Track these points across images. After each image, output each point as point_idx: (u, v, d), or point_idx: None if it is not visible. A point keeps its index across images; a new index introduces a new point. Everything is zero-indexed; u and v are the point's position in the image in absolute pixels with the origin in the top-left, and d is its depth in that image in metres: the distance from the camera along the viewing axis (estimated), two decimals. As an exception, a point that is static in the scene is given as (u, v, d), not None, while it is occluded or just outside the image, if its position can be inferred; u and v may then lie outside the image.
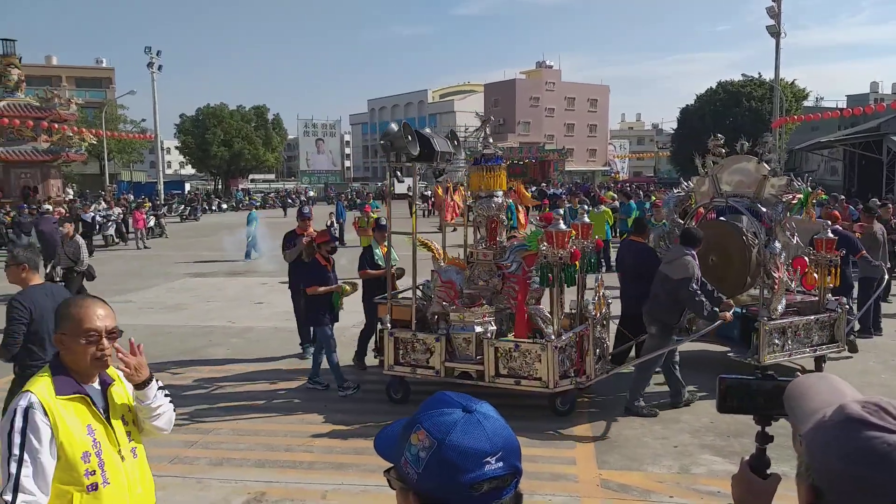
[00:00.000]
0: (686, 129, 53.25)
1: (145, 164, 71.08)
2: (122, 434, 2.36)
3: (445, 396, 1.16)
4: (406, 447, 1.11)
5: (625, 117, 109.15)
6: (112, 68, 65.10)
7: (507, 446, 1.09)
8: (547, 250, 6.16)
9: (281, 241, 9.23)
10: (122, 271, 17.29)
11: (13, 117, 28.33)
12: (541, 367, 6.10)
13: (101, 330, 2.27)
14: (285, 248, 8.69)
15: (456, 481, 1.05)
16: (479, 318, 6.39)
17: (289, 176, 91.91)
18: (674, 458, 5.53)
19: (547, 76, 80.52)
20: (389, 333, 6.65)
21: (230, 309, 11.87)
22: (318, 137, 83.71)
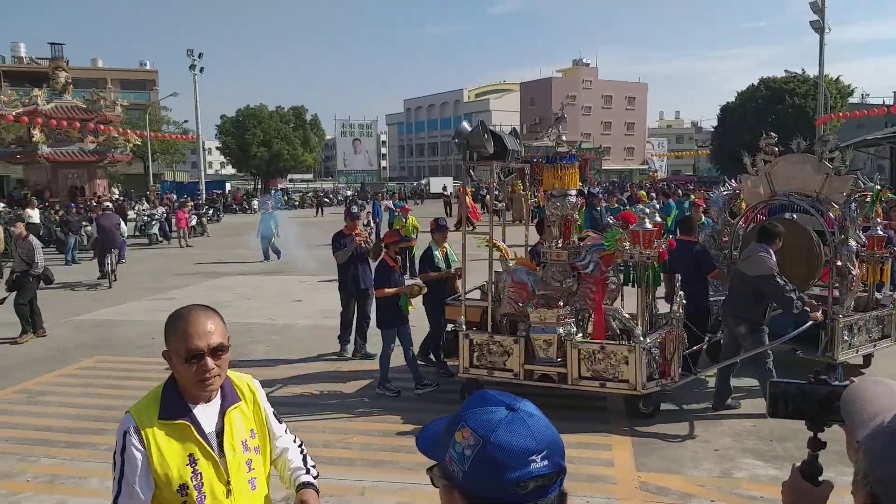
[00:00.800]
0: (727, 127, 52.27)
1: (187, 164, 72.54)
2: (237, 464, 2.06)
3: (488, 395, 1.16)
4: (450, 445, 1.11)
5: (663, 115, 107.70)
6: (155, 70, 66.53)
7: (551, 445, 1.09)
8: (633, 250, 6.03)
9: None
10: (165, 269, 17.70)
11: (61, 119, 29.16)
12: (627, 370, 6.01)
13: (204, 349, 1.96)
14: (335, 248, 8.59)
15: (501, 479, 1.06)
16: (560, 319, 6.26)
17: (326, 176, 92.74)
18: (714, 461, 5.46)
19: (584, 74, 79.80)
20: (465, 335, 6.55)
21: (270, 307, 12.06)
22: (354, 137, 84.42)
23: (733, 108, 52.70)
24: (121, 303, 12.77)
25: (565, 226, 6.71)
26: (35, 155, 29.33)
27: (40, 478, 5.25)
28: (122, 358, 8.78)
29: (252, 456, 2.12)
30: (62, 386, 7.62)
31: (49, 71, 32.82)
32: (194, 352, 1.95)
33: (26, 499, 4.91)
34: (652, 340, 6.13)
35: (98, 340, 9.77)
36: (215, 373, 1.99)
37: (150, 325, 10.65)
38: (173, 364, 2.03)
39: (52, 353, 9.08)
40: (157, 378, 8.21)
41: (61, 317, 11.48)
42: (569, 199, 6.57)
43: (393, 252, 7.39)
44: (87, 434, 6.11)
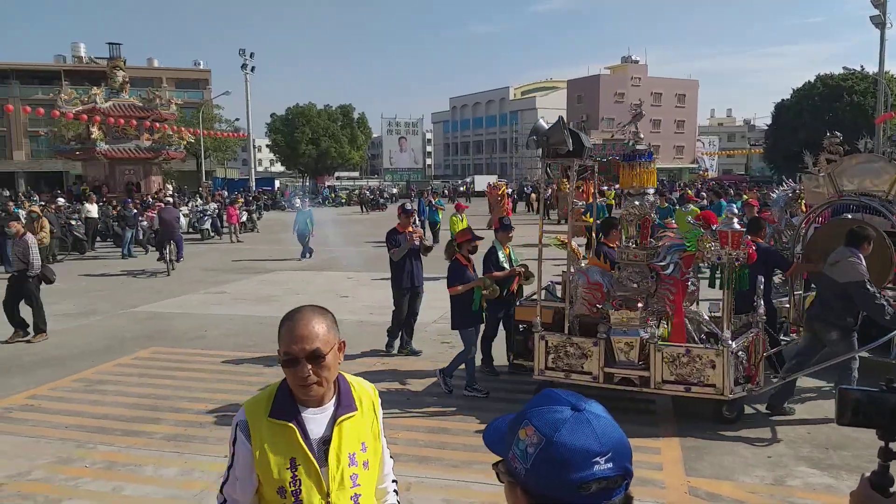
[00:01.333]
0: (782, 125, 50.84)
1: (238, 161, 74.06)
2: (340, 477, 1.94)
3: (554, 393, 1.16)
4: (514, 442, 1.12)
5: (714, 113, 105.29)
6: (209, 70, 68.10)
7: (617, 447, 1.08)
8: (721, 251, 5.90)
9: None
10: (217, 264, 18.12)
11: (118, 117, 30.10)
12: (713, 374, 5.89)
13: (299, 354, 1.87)
14: (390, 246, 8.54)
15: (564, 479, 1.05)
16: (643, 321, 6.13)
17: (372, 174, 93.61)
18: (767, 468, 5.32)
19: (633, 71, 78.67)
20: (541, 337, 6.43)
21: (317, 301, 12.13)
22: (400, 136, 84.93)
23: (789, 106, 51.24)
24: (175, 296, 13.13)
25: (643, 226, 6.52)
26: (93, 152, 30.34)
27: (98, 464, 5.43)
28: (176, 349, 9.03)
29: (360, 471, 1.98)
30: (119, 375, 7.86)
31: (107, 70, 33.88)
32: (289, 356, 1.88)
33: (85, 484, 5.08)
34: (738, 344, 5.99)
35: (153, 332, 10.06)
36: (313, 380, 1.88)
37: (203, 318, 10.93)
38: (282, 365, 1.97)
39: (109, 342, 9.39)
40: (208, 370, 8.45)
41: (119, 308, 11.87)
42: (647, 198, 6.40)
43: (466, 251, 7.26)
44: (143, 423, 6.29)
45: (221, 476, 2.07)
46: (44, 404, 6.87)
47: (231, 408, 6.65)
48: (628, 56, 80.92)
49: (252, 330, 10.03)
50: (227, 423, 6.23)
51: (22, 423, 6.35)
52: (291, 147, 60.77)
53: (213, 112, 56.93)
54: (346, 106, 65.57)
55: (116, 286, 14.52)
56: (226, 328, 10.22)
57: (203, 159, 48.88)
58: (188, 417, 6.43)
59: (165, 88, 54.51)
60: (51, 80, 59.32)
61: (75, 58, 64.39)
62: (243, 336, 9.69)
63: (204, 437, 5.93)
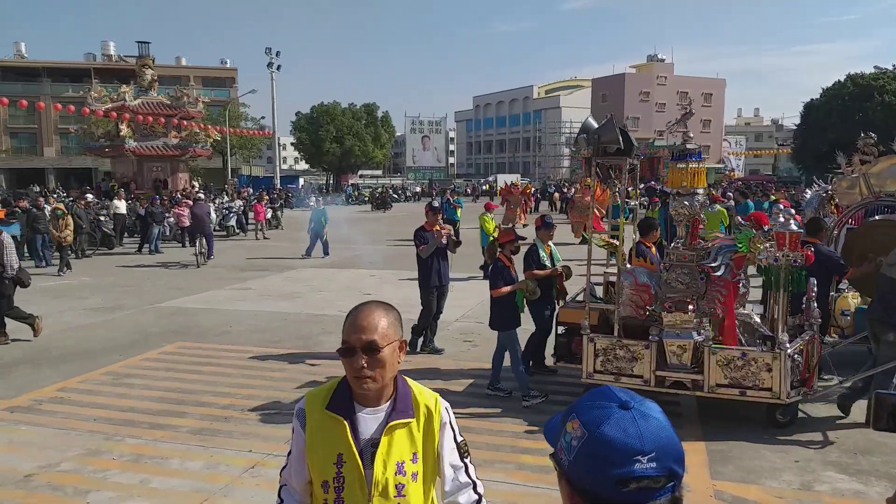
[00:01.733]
0: (811, 125, 50.05)
1: (263, 159, 74.71)
2: (384, 483, 1.89)
3: (608, 390, 1.16)
4: (562, 434, 1.14)
5: (741, 112, 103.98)
6: (235, 68, 68.79)
7: (663, 448, 1.08)
8: (778, 252, 5.80)
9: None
10: (243, 261, 18.30)
11: (147, 114, 30.51)
12: (769, 377, 5.81)
13: (355, 344, 1.86)
14: (418, 244, 8.50)
15: (602, 474, 1.06)
16: (697, 323, 6.00)
17: (395, 172, 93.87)
18: (794, 473, 5.24)
19: (658, 70, 77.98)
20: (590, 339, 6.29)
21: (340, 298, 12.29)
22: (424, 134, 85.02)
23: (818, 106, 50.42)
24: (201, 291, 13.28)
25: (693, 226, 6.39)
26: (122, 149, 30.78)
27: (125, 457, 5.52)
28: (201, 344, 9.13)
29: (407, 481, 1.90)
30: (146, 369, 7.98)
31: (136, 68, 34.33)
32: (346, 345, 1.87)
33: (113, 476, 5.16)
34: (794, 347, 5.91)
35: (180, 327, 10.19)
36: (367, 373, 1.85)
37: (229, 314, 11.05)
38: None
39: (136, 337, 9.53)
40: (233, 365, 8.54)
41: (145, 303, 12.04)
42: (697, 198, 6.26)
43: (508, 251, 7.05)
44: (169, 416, 6.38)
45: (246, 469, 2.10)
46: (73, 397, 6.99)
47: (255, 403, 6.72)
48: (654, 55, 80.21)
49: (276, 326, 10.11)
50: (251, 419, 6.31)
51: (52, 415, 6.47)
52: (316, 145, 61.22)
53: (239, 110, 57.47)
54: (370, 104, 65.89)
55: (143, 282, 14.73)
56: (250, 324, 10.32)
57: (229, 157, 49.38)
58: (213, 412, 6.50)
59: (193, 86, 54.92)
60: (81, 77, 60.33)
61: (105, 56, 65.43)
62: (268, 332, 9.78)
63: (229, 432, 5.99)
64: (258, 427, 6.10)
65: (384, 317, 1.91)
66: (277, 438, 5.73)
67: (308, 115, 63.72)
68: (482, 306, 11.44)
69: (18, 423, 6.24)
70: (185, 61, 68.50)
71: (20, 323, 9.35)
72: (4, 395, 7.02)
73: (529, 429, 6.04)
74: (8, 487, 4.94)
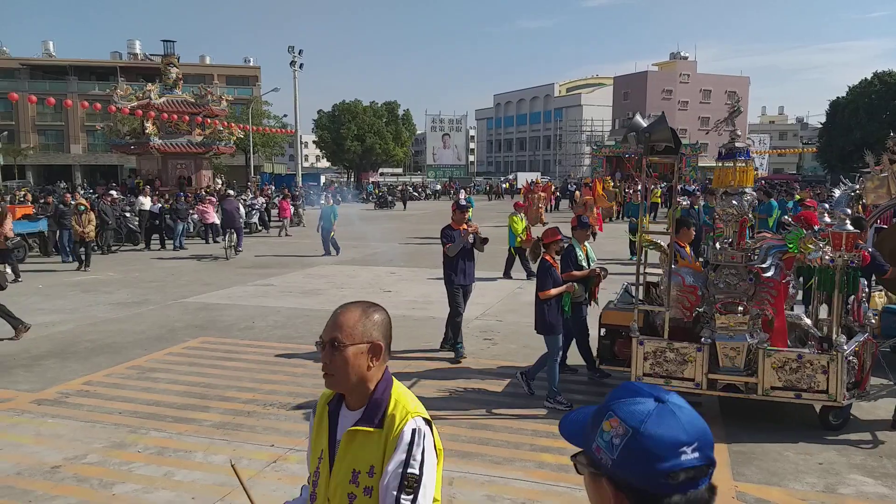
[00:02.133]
0: (836, 124, 49.27)
1: (285, 156, 75.20)
2: (336, 488, 1.85)
3: (635, 386, 1.17)
4: (598, 434, 1.14)
5: (765, 110, 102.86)
6: (258, 67, 69.33)
7: (702, 437, 1.10)
8: (833, 253, 5.74)
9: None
10: (265, 257, 18.46)
11: (172, 112, 30.85)
12: (825, 379, 5.75)
13: (324, 339, 1.87)
14: (444, 242, 8.39)
15: (652, 469, 1.07)
16: (750, 325, 5.92)
17: (415, 170, 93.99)
18: (818, 475, 5.18)
19: (681, 67, 77.28)
20: (639, 342, 6.18)
21: (361, 296, 12.35)
22: (444, 132, 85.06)
23: (844, 104, 49.64)
24: (224, 287, 13.42)
25: (741, 226, 6.26)
26: (147, 146, 31.16)
27: (150, 449, 5.60)
28: (224, 339, 9.24)
29: (359, 494, 1.81)
30: (170, 364, 8.09)
31: (161, 67, 34.71)
32: (318, 339, 1.90)
33: (137, 468, 5.24)
34: (853, 349, 5.84)
35: (204, 322, 10.31)
36: (326, 368, 1.84)
37: (251, 310, 11.16)
38: None
39: (161, 332, 9.66)
40: (256, 360, 8.62)
41: (169, 298, 12.20)
42: (745, 197, 6.16)
43: (554, 252, 6.85)
44: (193, 410, 6.46)
45: (268, 464, 2.14)
46: (99, 390, 7.11)
47: (277, 398, 6.79)
48: (677, 52, 79.55)
49: (298, 322, 10.20)
50: (273, 414, 6.37)
51: (78, 407, 6.58)
52: (337, 143, 61.52)
53: (261, 108, 57.88)
54: (391, 103, 66.03)
55: (168, 277, 14.92)
56: (272, 320, 10.42)
57: (251, 154, 49.77)
58: (236, 406, 6.58)
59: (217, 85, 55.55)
60: (107, 76, 61.23)
61: (131, 55, 66.32)
62: (289, 328, 9.86)
63: (251, 426, 6.06)
64: (280, 422, 6.16)
65: (354, 314, 1.87)
66: (299, 433, 5.78)
67: (330, 113, 64.03)
68: (502, 304, 11.45)
69: (45, 416, 6.36)
70: (210, 60, 69.19)
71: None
72: (32, 388, 7.16)
73: (549, 428, 6.03)
74: (36, 479, 5.04)
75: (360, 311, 1.89)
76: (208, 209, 22.10)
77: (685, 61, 78.57)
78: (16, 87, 49.16)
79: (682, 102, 75.38)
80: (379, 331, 1.89)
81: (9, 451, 5.55)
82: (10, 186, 42.07)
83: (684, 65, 77.81)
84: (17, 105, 51.87)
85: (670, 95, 75.21)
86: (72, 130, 61.57)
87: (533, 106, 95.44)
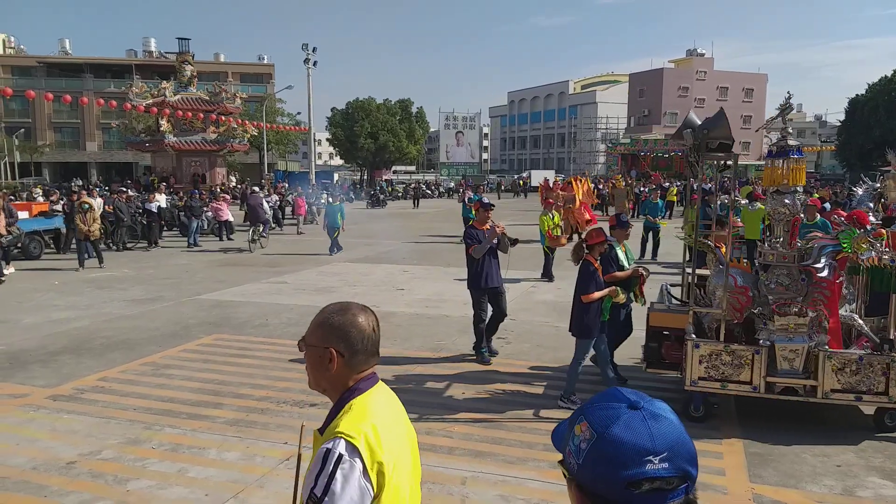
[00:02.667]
0: (855, 122, 48.72)
1: (298, 154, 75.50)
2: (299, 494, 1.81)
3: (617, 392, 1.15)
4: (570, 438, 1.12)
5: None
6: (272, 65, 69.59)
7: (675, 448, 1.06)
8: (890, 252, 5.66)
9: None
10: (279, 255, 18.52)
11: (186, 110, 31.08)
12: (884, 381, 5.66)
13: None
14: (469, 243, 8.03)
15: (613, 476, 1.04)
16: (810, 327, 5.83)
17: (428, 168, 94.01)
18: (836, 477, 5.11)
19: (698, 65, 76.73)
20: (695, 345, 6.00)
21: (374, 294, 12.36)
22: (458, 130, 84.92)
23: (863, 101, 49.09)
24: (238, 284, 13.48)
25: (793, 226, 6.14)
26: (162, 144, 31.45)
27: (164, 446, 5.62)
28: (238, 336, 9.27)
29: None
30: (184, 360, 8.12)
31: (176, 65, 34.96)
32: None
33: (152, 464, 5.26)
34: None
35: (217, 319, 10.35)
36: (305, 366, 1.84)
37: (265, 307, 11.19)
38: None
39: (175, 329, 9.71)
40: (269, 357, 8.63)
41: (184, 295, 12.26)
42: (797, 196, 6.03)
43: (597, 253, 6.67)
44: (207, 407, 6.48)
45: (281, 461, 2.10)
46: (114, 386, 7.15)
47: (291, 396, 6.79)
48: (693, 49, 79.00)
49: (311, 320, 10.18)
50: (286, 411, 6.37)
51: (93, 403, 6.62)
52: (351, 141, 61.60)
53: (275, 106, 58.12)
54: (404, 100, 66.03)
55: (182, 274, 15.00)
56: (286, 317, 10.44)
57: (265, 152, 49.98)
58: (250, 403, 6.59)
59: (231, 82, 55.84)
60: (123, 73, 61.74)
61: (146, 52, 66.79)
62: (303, 326, 9.82)
63: (265, 424, 6.07)
64: (293, 420, 6.16)
65: (321, 319, 1.83)
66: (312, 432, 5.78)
67: (343, 110, 64.13)
68: (515, 303, 11.38)
69: (61, 412, 6.40)
70: (224, 57, 69.52)
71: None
72: (48, 384, 7.21)
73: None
74: (51, 474, 5.08)
75: (324, 314, 1.84)
76: (222, 206, 22.20)
77: (702, 58, 77.99)
78: (33, 85, 49.69)
79: (698, 100, 74.79)
80: (337, 336, 1.79)
81: (25, 446, 5.60)
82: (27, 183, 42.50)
83: (701, 62, 77.23)
84: (34, 102, 52.34)
85: (686, 93, 74.68)
86: (87, 128, 62.14)
87: (547, 103, 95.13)
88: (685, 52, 79.74)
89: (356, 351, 1.79)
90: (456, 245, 18.83)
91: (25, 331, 9.52)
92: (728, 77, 77.21)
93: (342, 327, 1.80)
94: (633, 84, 79.67)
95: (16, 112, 59.19)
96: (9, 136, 51.03)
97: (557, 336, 8.72)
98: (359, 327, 1.81)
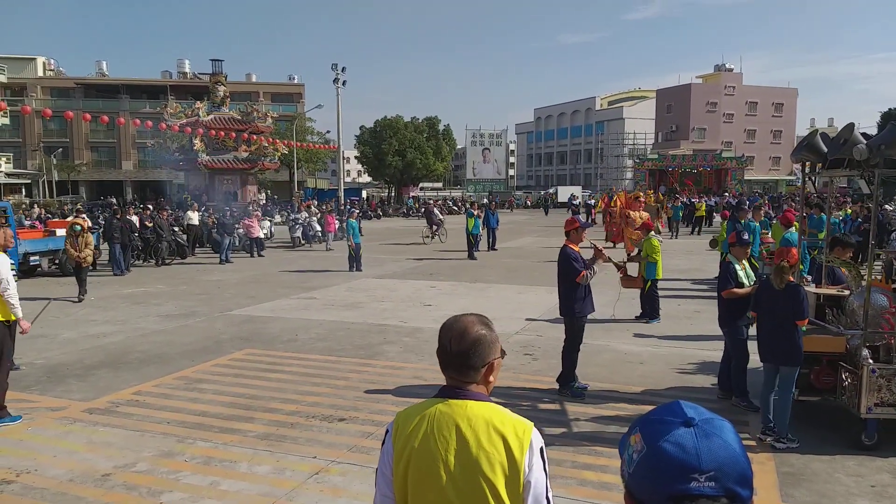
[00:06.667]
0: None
1: (327, 172, 76.30)
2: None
3: (677, 406, 1.15)
4: (626, 447, 1.16)
5: (814, 122, 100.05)
6: (302, 84, 70.64)
7: (723, 467, 1.06)
8: None
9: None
10: (308, 271, 18.72)
11: (219, 129, 31.67)
12: None
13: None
14: (577, 271, 7.31)
15: (657, 489, 1.06)
16: None
17: (455, 184, 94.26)
18: (871, 498, 5.01)
19: (726, 80, 76.00)
20: (871, 370, 5.70)
21: (402, 309, 12.43)
22: (484, 147, 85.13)
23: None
24: (268, 300, 13.66)
25: None
26: (196, 163, 32.04)
27: (196, 459, 5.72)
28: (269, 351, 9.39)
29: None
30: (216, 375, 8.26)
31: (210, 85, 35.70)
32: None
33: (184, 477, 5.36)
34: None
35: (249, 334, 10.51)
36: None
37: (295, 322, 11.33)
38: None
39: (208, 343, 9.87)
40: (299, 372, 8.71)
41: (216, 311, 12.46)
42: None
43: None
44: (239, 421, 6.58)
45: (310, 475, 2.18)
46: (148, 400, 7.30)
47: (320, 410, 6.86)
48: (722, 64, 78.27)
49: (340, 335, 10.30)
50: (316, 426, 6.44)
51: (128, 416, 6.77)
52: (378, 158, 62.11)
53: (305, 124, 58.91)
54: (432, 118, 66.45)
55: (214, 290, 15.25)
56: (315, 332, 10.55)
57: (296, 170, 50.62)
58: (280, 418, 6.68)
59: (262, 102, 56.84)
60: (157, 94, 63.21)
61: (180, 73, 68.30)
62: (332, 341, 9.97)
63: (295, 438, 6.14)
64: (323, 434, 6.22)
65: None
66: (341, 445, 5.84)
67: (371, 128, 64.78)
68: (541, 319, 11.37)
69: (97, 425, 6.55)
70: (256, 78, 70.76)
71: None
72: (85, 397, 7.39)
73: (592, 446, 5.97)
74: (87, 485, 5.20)
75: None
76: (253, 224, 22.53)
77: (730, 73, 77.30)
78: (71, 106, 51.19)
79: (726, 115, 74.10)
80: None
81: (63, 458, 5.74)
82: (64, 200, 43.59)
83: (729, 77, 76.56)
84: (72, 123, 53.86)
85: (715, 108, 74.04)
86: (123, 147, 63.60)
87: (574, 119, 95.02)
88: (713, 68, 79.09)
89: (441, 360, 2.08)
90: (462, 260, 18.71)
91: (63, 345, 9.76)
92: (757, 92, 76.39)
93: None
94: (660, 99, 79.24)
95: (54, 132, 60.92)
96: (48, 155, 52.50)
97: (581, 353, 8.68)
98: (440, 341, 2.07)
